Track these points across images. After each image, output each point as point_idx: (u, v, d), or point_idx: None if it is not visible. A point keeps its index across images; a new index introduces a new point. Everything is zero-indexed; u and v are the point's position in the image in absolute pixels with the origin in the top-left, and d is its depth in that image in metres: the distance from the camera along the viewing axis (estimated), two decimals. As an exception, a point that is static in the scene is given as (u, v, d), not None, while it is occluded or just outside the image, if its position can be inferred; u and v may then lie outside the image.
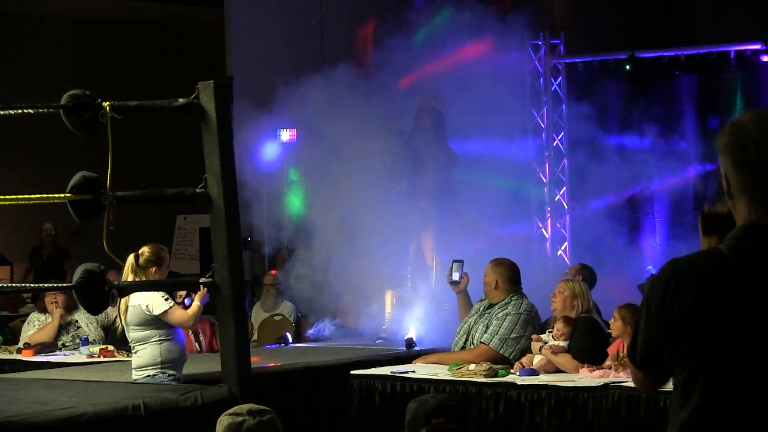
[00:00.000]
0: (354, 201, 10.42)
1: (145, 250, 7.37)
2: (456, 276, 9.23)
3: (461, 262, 9.30)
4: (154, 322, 7.26)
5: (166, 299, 7.29)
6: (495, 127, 12.91)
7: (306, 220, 11.10)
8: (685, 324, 2.96)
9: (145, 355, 7.27)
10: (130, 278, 7.22)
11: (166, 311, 7.26)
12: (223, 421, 3.84)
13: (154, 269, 7.36)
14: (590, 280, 9.45)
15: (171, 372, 7.31)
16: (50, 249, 15.06)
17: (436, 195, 10.90)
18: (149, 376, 7.23)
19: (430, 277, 10.68)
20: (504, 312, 8.45)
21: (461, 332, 8.71)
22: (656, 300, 3.00)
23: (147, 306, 7.24)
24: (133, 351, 7.39)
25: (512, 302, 8.50)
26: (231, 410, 3.90)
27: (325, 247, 10.53)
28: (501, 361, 8.16)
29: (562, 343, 7.92)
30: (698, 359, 2.95)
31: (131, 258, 7.30)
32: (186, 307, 7.30)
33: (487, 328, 8.44)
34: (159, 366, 7.27)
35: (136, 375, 7.31)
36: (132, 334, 7.33)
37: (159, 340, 7.28)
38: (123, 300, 7.27)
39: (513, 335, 8.35)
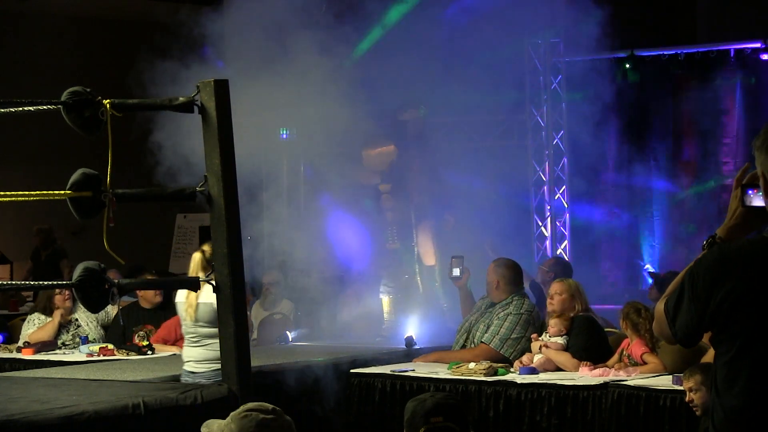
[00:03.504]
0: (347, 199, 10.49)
1: (207, 248, 7.43)
2: (456, 272, 9.29)
3: (461, 257, 9.35)
4: None
5: None
6: (495, 126, 12.91)
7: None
8: (735, 304, 3.06)
9: (215, 350, 7.33)
10: (201, 276, 7.29)
11: None
12: (252, 416, 3.58)
13: None
14: (564, 274, 9.48)
15: None
16: (48, 250, 15.07)
17: (430, 194, 10.89)
18: (216, 370, 7.29)
19: (434, 273, 10.70)
20: (505, 312, 8.46)
21: (462, 330, 8.72)
22: (703, 283, 3.10)
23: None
24: (197, 344, 7.41)
25: (514, 302, 8.51)
26: (254, 407, 3.64)
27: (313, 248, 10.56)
28: (501, 361, 8.16)
29: (560, 340, 7.93)
30: (746, 340, 3.04)
31: (198, 255, 7.38)
32: None
33: (488, 327, 8.45)
34: None
35: (199, 368, 7.35)
36: (201, 330, 7.42)
37: None
38: (193, 295, 7.36)
39: (514, 336, 8.35)
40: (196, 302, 7.42)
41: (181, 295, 7.51)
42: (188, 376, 7.41)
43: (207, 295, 7.33)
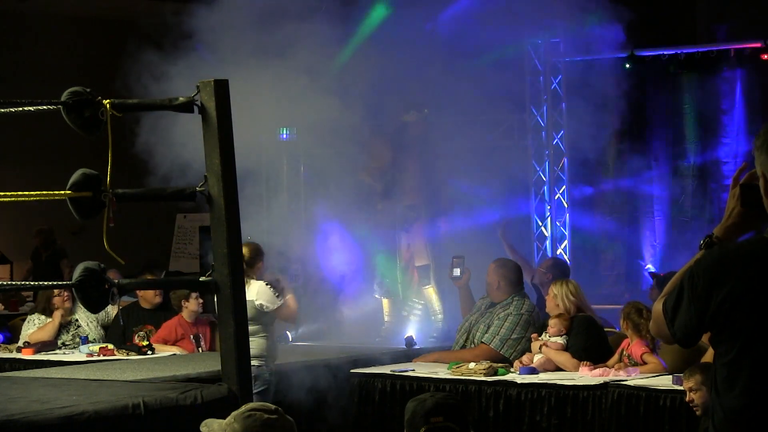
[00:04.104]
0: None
1: (244, 250, 7.43)
2: (457, 272, 9.31)
3: (462, 257, 9.36)
4: (263, 317, 7.74)
5: (278, 296, 7.82)
6: (495, 126, 12.90)
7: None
8: (735, 305, 3.04)
9: (253, 347, 7.36)
10: None
11: (279, 307, 7.85)
12: (256, 416, 3.55)
13: (260, 263, 7.95)
14: (562, 275, 9.47)
15: (270, 365, 7.84)
16: (48, 250, 15.06)
17: (424, 197, 10.84)
18: (253, 366, 7.33)
19: (429, 272, 10.68)
20: (505, 312, 8.46)
21: (462, 330, 8.73)
22: (703, 283, 3.08)
23: (261, 304, 7.75)
24: None
25: (514, 303, 8.52)
26: (257, 406, 3.61)
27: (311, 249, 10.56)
28: (501, 361, 8.17)
29: (560, 340, 7.93)
30: (747, 340, 3.02)
31: None
32: None
33: (488, 327, 8.46)
34: (264, 359, 7.72)
35: None
36: None
37: (266, 335, 7.77)
38: None
39: (514, 336, 8.36)
40: None
41: None
42: None
43: (250, 293, 7.44)
